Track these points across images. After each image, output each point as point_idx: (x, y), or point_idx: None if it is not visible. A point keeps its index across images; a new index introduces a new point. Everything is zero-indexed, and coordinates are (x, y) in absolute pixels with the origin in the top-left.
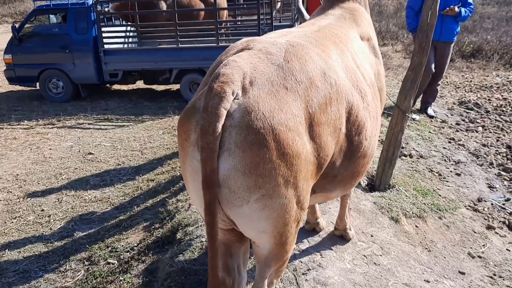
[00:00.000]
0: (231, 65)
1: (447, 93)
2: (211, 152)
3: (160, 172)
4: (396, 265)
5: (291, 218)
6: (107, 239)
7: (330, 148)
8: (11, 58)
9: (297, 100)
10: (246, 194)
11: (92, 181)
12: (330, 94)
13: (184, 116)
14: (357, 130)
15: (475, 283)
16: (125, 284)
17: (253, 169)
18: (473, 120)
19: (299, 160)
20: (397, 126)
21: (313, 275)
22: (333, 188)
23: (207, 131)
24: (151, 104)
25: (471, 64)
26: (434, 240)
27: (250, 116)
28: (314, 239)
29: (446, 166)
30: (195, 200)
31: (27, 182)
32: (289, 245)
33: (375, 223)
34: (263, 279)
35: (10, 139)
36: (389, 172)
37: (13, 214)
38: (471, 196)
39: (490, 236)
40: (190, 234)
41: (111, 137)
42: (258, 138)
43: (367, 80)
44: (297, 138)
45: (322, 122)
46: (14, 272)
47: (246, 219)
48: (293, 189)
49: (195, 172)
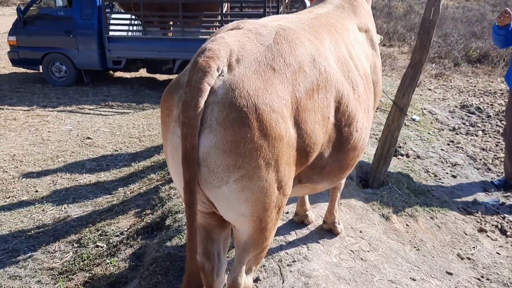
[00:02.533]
0: (218, 41)
1: (450, 96)
2: (192, 128)
3: (156, 160)
4: (383, 262)
5: (272, 203)
6: (98, 223)
7: (317, 137)
8: (15, 40)
9: (284, 82)
10: (225, 174)
11: (88, 165)
12: (318, 81)
13: (168, 91)
14: (347, 121)
15: (462, 284)
16: (111, 267)
17: (234, 148)
18: (474, 124)
19: (281, 143)
20: (393, 123)
21: (297, 267)
22: (321, 180)
23: (189, 106)
24: (153, 93)
25: (476, 69)
26: (424, 240)
27: (234, 93)
28: (302, 231)
29: (443, 168)
30: (175, 178)
31: (23, 163)
32: (269, 232)
33: (365, 219)
34: (241, 264)
35: (10, 120)
36: (384, 169)
37: (7, 194)
38: (465, 198)
39: (481, 238)
40: (179, 221)
41: (111, 123)
42: (240, 117)
43: (360, 71)
44: (280, 121)
45: (308, 108)
46: (3, 251)
47: (225, 201)
48: (274, 172)
49: (175, 149)
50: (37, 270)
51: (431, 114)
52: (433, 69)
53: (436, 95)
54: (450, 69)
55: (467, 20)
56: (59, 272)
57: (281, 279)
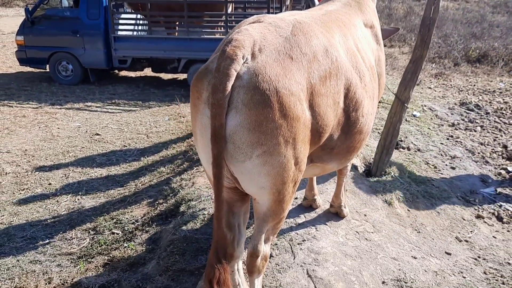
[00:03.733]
0: (243, 32)
1: (449, 94)
2: (220, 109)
3: (165, 155)
4: (386, 242)
5: (289, 178)
6: (112, 212)
7: (329, 119)
8: (23, 40)
9: (300, 70)
10: (249, 150)
11: (99, 159)
12: (330, 69)
13: (198, 76)
14: (355, 107)
15: (460, 263)
16: (129, 250)
17: (257, 127)
18: (473, 120)
19: (299, 123)
20: (395, 115)
21: (307, 245)
22: (330, 160)
23: (217, 89)
24: (158, 91)
25: (476, 69)
26: (424, 224)
27: (258, 78)
28: (311, 214)
29: (442, 160)
30: (202, 155)
31: (35, 158)
32: (286, 204)
33: (369, 204)
34: (260, 233)
35: (19, 117)
36: (386, 159)
37: (21, 186)
38: (464, 188)
39: (479, 224)
40: (193, 208)
41: (118, 120)
42: (263, 99)
43: (366, 63)
44: (298, 103)
45: (321, 93)
46: (21, 238)
47: (248, 175)
48: (292, 149)
49: (204, 128)
50: (56, 255)
51: (431, 110)
52: (433, 69)
53: (436, 93)
54: (450, 68)
55: (467, 21)
56: (78, 256)
57: (292, 256)
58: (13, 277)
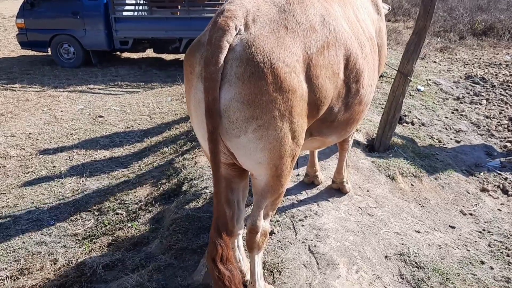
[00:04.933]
0: (235, 2)
1: (454, 68)
2: (213, 82)
3: (168, 136)
4: (389, 217)
5: (286, 152)
6: (116, 193)
7: (327, 92)
8: (23, 23)
9: (296, 40)
10: (244, 124)
11: (102, 141)
12: (329, 39)
13: (190, 50)
14: (355, 78)
15: (464, 236)
16: (132, 230)
17: (251, 100)
18: (478, 93)
19: (295, 96)
20: (398, 89)
21: (309, 222)
22: (330, 133)
23: (210, 62)
24: (160, 72)
25: (482, 42)
26: (428, 198)
27: (251, 50)
28: (312, 191)
29: (447, 134)
30: (198, 131)
31: (39, 141)
32: (284, 179)
33: (372, 180)
34: (259, 209)
35: (23, 101)
36: (389, 134)
37: (26, 169)
38: (469, 161)
39: (484, 197)
40: (195, 187)
41: (121, 102)
42: (257, 71)
43: (366, 33)
44: (293, 75)
45: (319, 64)
46: (27, 220)
47: (244, 150)
48: (288, 123)
49: (198, 103)
50: (61, 236)
51: (436, 84)
52: (438, 43)
53: (441, 67)
54: (455, 42)
55: None
56: (83, 237)
57: (294, 232)
58: (19, 258)
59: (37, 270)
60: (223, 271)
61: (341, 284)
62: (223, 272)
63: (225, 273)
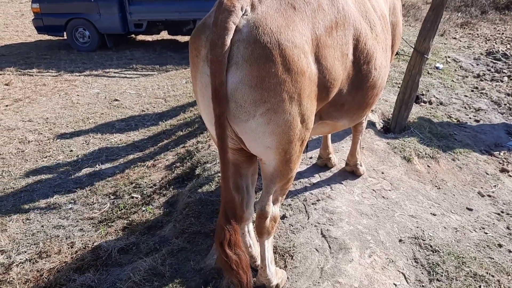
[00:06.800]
0: None
1: (475, 44)
2: (219, 65)
3: (182, 118)
4: (404, 199)
5: (295, 136)
6: (131, 177)
7: (337, 73)
8: (39, 8)
9: (304, 20)
10: (252, 108)
11: (118, 125)
12: (337, 19)
13: (195, 33)
14: (366, 59)
15: (482, 219)
16: (147, 214)
17: (259, 83)
18: (500, 70)
19: (304, 78)
20: (415, 68)
21: (322, 205)
22: (340, 117)
23: (216, 44)
24: (175, 54)
25: (504, 16)
26: (445, 179)
27: (258, 31)
28: (325, 174)
29: (466, 113)
30: (205, 116)
31: (56, 125)
32: (293, 163)
33: (387, 162)
34: (268, 195)
35: (40, 85)
36: (405, 114)
37: (44, 154)
38: (488, 141)
39: (503, 178)
40: (208, 170)
41: (136, 85)
42: (264, 53)
43: (377, 12)
44: (302, 56)
45: (328, 45)
46: (45, 204)
47: (252, 134)
48: (297, 106)
49: (204, 87)
50: (79, 220)
51: (455, 62)
52: (458, 18)
53: (461, 44)
54: (477, 17)
55: None
56: (99, 220)
57: (306, 216)
58: (38, 242)
59: (55, 254)
60: (231, 255)
61: (354, 269)
62: (230, 256)
63: (232, 257)
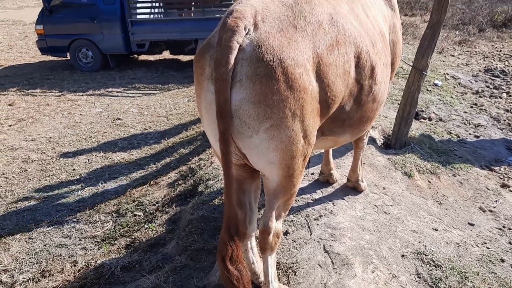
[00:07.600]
0: (244, 3)
1: (473, 61)
2: (224, 83)
3: (184, 136)
4: (406, 215)
5: (298, 152)
6: (134, 195)
7: (338, 90)
8: (43, 29)
9: (305, 39)
10: (256, 124)
11: (120, 144)
12: (337, 38)
13: (200, 52)
14: (367, 75)
15: (484, 234)
16: (149, 231)
17: (263, 100)
18: (498, 86)
19: (306, 95)
20: (413, 85)
21: (324, 221)
22: (342, 132)
23: (220, 63)
24: (177, 73)
25: (502, 34)
26: (446, 195)
27: (261, 50)
28: (327, 189)
29: (465, 129)
30: (209, 132)
31: (59, 144)
32: (296, 179)
33: (388, 177)
34: (271, 210)
35: (43, 105)
36: (405, 130)
37: (47, 173)
38: (488, 157)
39: (504, 193)
40: (211, 187)
41: (138, 104)
42: (267, 71)
43: (376, 30)
44: (304, 74)
45: (329, 63)
46: (48, 223)
47: (256, 150)
48: (300, 122)
49: (209, 105)
50: (81, 238)
51: (454, 78)
52: (456, 36)
53: (460, 61)
54: (475, 35)
55: None
56: (102, 239)
57: (309, 231)
58: (41, 261)
59: (58, 272)
60: (232, 271)
61: (357, 284)
62: (231, 271)
63: (233, 273)
